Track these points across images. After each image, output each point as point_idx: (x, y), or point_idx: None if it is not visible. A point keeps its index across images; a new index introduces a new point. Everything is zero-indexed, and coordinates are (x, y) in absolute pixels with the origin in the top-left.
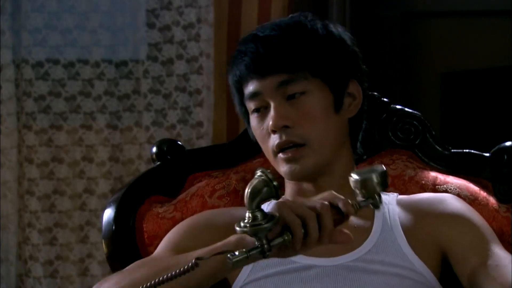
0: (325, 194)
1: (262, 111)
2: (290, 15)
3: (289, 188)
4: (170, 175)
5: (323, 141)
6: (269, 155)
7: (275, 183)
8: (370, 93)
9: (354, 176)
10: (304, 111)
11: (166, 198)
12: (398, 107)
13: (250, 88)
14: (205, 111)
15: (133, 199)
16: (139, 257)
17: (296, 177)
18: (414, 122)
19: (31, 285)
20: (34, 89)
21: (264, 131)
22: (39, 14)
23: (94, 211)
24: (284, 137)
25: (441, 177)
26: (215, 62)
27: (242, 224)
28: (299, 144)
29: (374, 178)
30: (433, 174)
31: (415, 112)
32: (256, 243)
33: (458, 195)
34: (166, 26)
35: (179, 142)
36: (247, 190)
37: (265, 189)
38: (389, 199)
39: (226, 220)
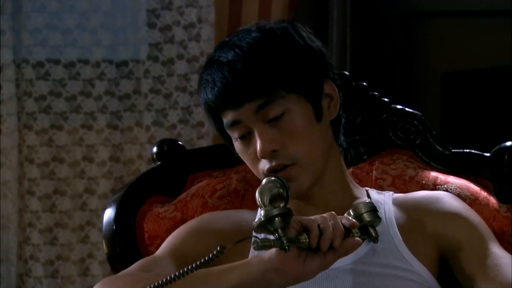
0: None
1: (246, 137)
2: (239, 28)
3: None
4: (171, 175)
5: (312, 156)
6: (260, 177)
7: (283, 181)
8: (371, 93)
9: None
10: (288, 131)
11: (167, 198)
12: (398, 107)
13: (228, 117)
14: None
15: (133, 199)
16: (140, 257)
17: (292, 197)
18: (415, 122)
19: (31, 285)
20: (35, 89)
21: (252, 155)
22: (40, 14)
23: (94, 211)
24: (274, 162)
25: (441, 177)
26: None
27: (256, 219)
28: (289, 165)
29: (366, 216)
30: (433, 174)
31: (416, 112)
32: (276, 235)
33: (459, 195)
34: (167, 26)
35: (179, 142)
36: (256, 193)
37: (270, 185)
38: (385, 198)
39: (228, 224)
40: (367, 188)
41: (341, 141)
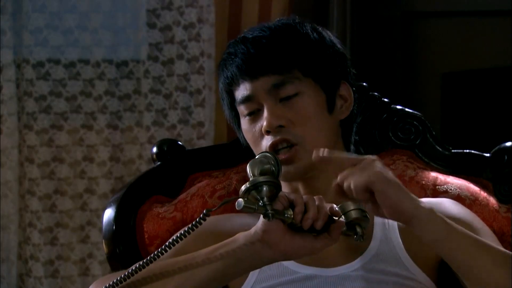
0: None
1: (254, 114)
2: (277, 19)
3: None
4: (171, 175)
5: (316, 141)
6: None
7: (276, 159)
8: (371, 93)
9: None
10: (297, 111)
11: (167, 198)
12: (398, 107)
13: (242, 91)
14: (206, 111)
15: (133, 199)
16: (140, 257)
17: (291, 178)
18: (415, 122)
19: (32, 285)
20: (35, 89)
21: (257, 133)
22: (40, 14)
23: (95, 211)
24: (278, 136)
25: (441, 177)
26: (216, 62)
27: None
28: (293, 143)
29: (353, 214)
30: (433, 174)
31: (416, 112)
32: (260, 202)
33: (459, 195)
34: (167, 26)
35: (179, 142)
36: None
37: (263, 159)
38: None
39: (231, 227)
40: None
41: (351, 150)
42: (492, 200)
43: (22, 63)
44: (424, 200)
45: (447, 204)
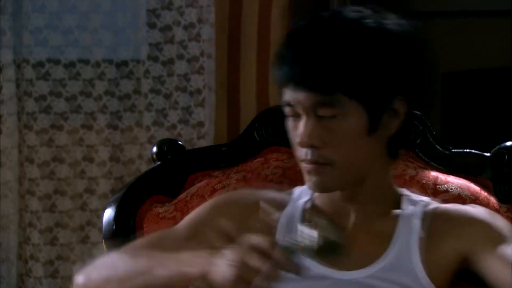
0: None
1: (296, 117)
2: (335, 11)
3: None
4: (171, 175)
5: (349, 166)
6: (297, 160)
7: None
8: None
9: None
10: (333, 132)
11: (167, 198)
12: None
13: (286, 95)
14: (206, 111)
15: (133, 199)
16: None
17: (316, 190)
18: (415, 121)
19: (32, 285)
20: (35, 89)
21: (295, 139)
22: (40, 14)
23: (95, 211)
24: (309, 156)
25: (441, 177)
26: (216, 62)
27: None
28: (323, 164)
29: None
30: (433, 174)
31: (416, 112)
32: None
33: (459, 195)
34: (167, 26)
35: (179, 142)
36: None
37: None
38: (416, 209)
39: (255, 199)
40: (405, 193)
41: (397, 153)
42: (493, 200)
43: (22, 63)
44: (461, 210)
45: (499, 224)
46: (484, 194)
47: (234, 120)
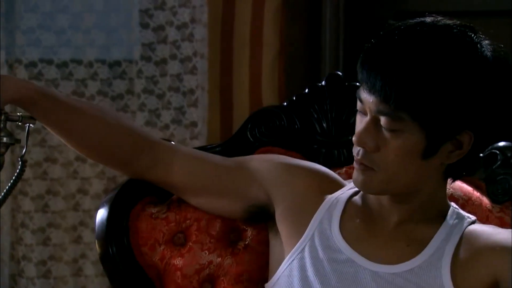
0: None
1: (362, 113)
2: (432, 26)
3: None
4: None
5: (392, 178)
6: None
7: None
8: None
9: None
10: (387, 145)
11: (159, 199)
12: None
13: (360, 91)
14: (199, 111)
15: (126, 199)
16: (133, 257)
17: (359, 188)
18: None
19: (24, 286)
20: None
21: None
22: (33, 14)
23: (87, 211)
24: (359, 155)
25: None
26: (209, 62)
27: None
28: (369, 167)
29: None
30: None
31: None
32: None
33: (452, 195)
34: (160, 26)
35: (172, 142)
36: None
37: None
38: (459, 224)
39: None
40: (454, 206)
41: (456, 178)
42: (485, 200)
43: (15, 63)
44: (504, 234)
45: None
46: (476, 194)
47: (227, 120)
